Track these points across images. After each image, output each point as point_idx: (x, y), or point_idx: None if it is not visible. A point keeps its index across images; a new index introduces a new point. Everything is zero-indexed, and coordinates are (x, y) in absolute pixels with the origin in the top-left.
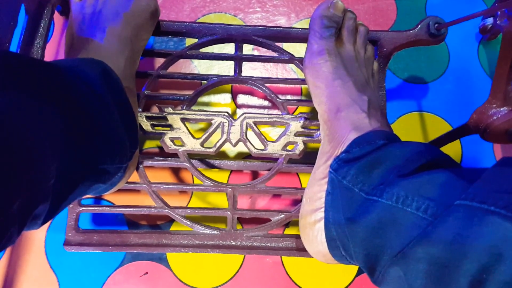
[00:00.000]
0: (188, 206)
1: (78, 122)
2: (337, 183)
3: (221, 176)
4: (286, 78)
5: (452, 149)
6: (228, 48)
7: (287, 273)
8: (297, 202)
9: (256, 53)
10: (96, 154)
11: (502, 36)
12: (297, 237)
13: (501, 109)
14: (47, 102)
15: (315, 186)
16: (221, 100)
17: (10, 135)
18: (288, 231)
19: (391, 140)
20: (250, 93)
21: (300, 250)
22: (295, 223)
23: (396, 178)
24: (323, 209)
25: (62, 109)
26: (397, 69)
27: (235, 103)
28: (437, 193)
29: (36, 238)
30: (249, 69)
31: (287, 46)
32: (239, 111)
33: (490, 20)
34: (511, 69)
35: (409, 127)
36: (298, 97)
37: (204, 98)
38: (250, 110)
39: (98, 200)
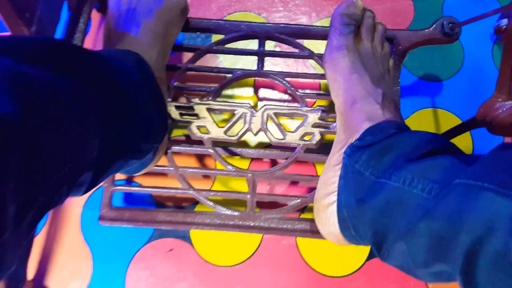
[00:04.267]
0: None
1: (116, 104)
2: (350, 167)
3: (242, 164)
4: (305, 73)
5: (463, 144)
6: (252, 45)
7: (301, 255)
8: (313, 189)
9: (278, 49)
10: (131, 133)
11: (506, 33)
12: (312, 221)
13: (506, 103)
14: (91, 85)
15: (330, 172)
16: (244, 93)
17: (63, 109)
18: (304, 216)
19: (402, 129)
20: (271, 87)
21: (314, 232)
22: (310, 210)
23: (404, 163)
24: (336, 193)
25: (102, 92)
26: (412, 67)
27: (257, 96)
28: (440, 176)
29: (72, 215)
30: (271, 65)
31: (307, 44)
32: (260, 104)
33: (504, 21)
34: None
35: (422, 122)
36: (317, 92)
37: (228, 91)
38: (270, 102)
39: (129, 182)
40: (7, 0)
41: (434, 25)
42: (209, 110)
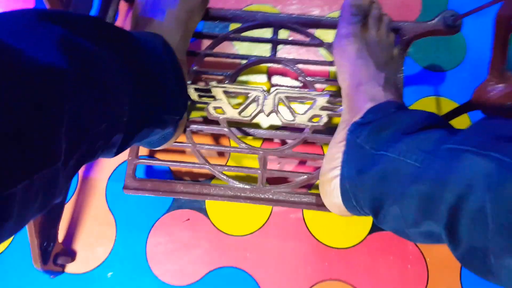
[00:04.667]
0: None
1: (144, 77)
2: (352, 142)
3: (254, 143)
4: (315, 60)
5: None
6: (267, 34)
7: (307, 227)
8: (319, 168)
9: (291, 38)
10: (157, 104)
11: (496, 19)
12: (317, 195)
13: (498, 85)
14: (126, 60)
15: (334, 148)
16: (258, 79)
17: (104, 75)
18: (311, 192)
19: (401, 108)
20: (284, 74)
21: (319, 205)
22: (317, 187)
23: (401, 136)
24: (339, 167)
25: (134, 67)
26: (418, 58)
27: (270, 83)
28: (431, 147)
29: (98, 186)
30: (284, 53)
31: (318, 34)
32: (273, 88)
33: None
34: (505, 49)
35: (425, 109)
36: (326, 78)
37: (243, 77)
38: (282, 87)
39: (151, 157)
40: None
41: (437, 18)
42: (225, 92)
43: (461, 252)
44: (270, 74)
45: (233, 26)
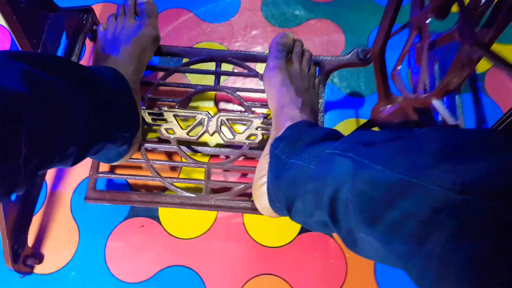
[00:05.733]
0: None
1: (99, 102)
2: (273, 153)
3: (203, 160)
4: (251, 88)
5: None
6: (212, 67)
7: (246, 230)
8: None
9: (235, 70)
10: (109, 124)
11: (372, 55)
12: (252, 201)
13: (386, 107)
14: (81, 88)
15: (263, 159)
16: (206, 105)
17: (59, 99)
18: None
19: (312, 126)
20: (228, 100)
21: (254, 209)
22: None
23: (306, 147)
24: (266, 175)
25: (89, 93)
26: (342, 86)
27: (217, 108)
28: (322, 153)
29: (64, 198)
30: (231, 83)
31: (259, 67)
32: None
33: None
34: (384, 78)
35: (347, 129)
36: (261, 103)
37: (193, 104)
38: (225, 112)
39: (111, 172)
40: (22, 31)
41: (351, 53)
42: (175, 116)
43: (342, 234)
44: (217, 100)
45: (185, 60)
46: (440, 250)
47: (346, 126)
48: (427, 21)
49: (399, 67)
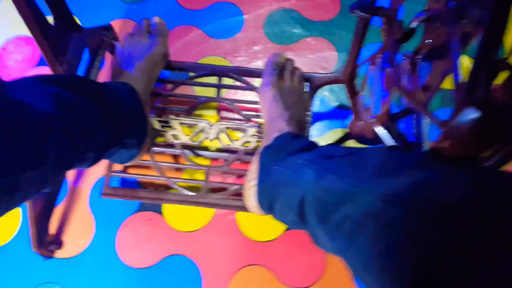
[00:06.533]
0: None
1: (113, 115)
2: (261, 160)
3: (205, 162)
4: (248, 100)
5: None
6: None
7: (238, 226)
8: None
9: (237, 84)
10: (121, 133)
11: (344, 81)
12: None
13: (359, 122)
14: (98, 103)
15: (254, 164)
16: (209, 113)
17: (81, 115)
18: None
19: (295, 137)
20: (229, 110)
21: (246, 208)
22: None
23: (287, 156)
24: (256, 178)
25: (105, 108)
26: (331, 99)
27: (219, 115)
28: (297, 163)
29: (83, 193)
30: (231, 94)
31: (258, 81)
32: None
33: None
34: (355, 103)
35: (334, 138)
36: (257, 113)
37: (199, 111)
38: (225, 120)
39: (124, 172)
40: (50, 50)
41: (337, 71)
42: (181, 123)
43: (309, 231)
44: (220, 109)
45: (191, 73)
46: (366, 245)
47: (334, 135)
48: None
49: (362, 92)
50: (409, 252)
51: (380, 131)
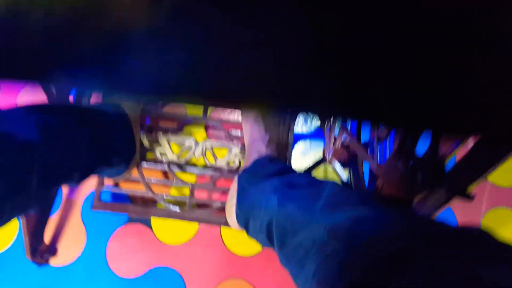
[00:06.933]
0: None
1: (99, 136)
2: (239, 181)
3: (191, 178)
4: (233, 121)
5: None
6: None
7: (223, 240)
8: None
9: None
10: (108, 152)
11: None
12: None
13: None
14: (84, 125)
15: (234, 183)
16: (198, 130)
17: (65, 140)
18: None
19: (272, 161)
20: (216, 129)
21: (227, 223)
22: None
23: (261, 180)
24: (235, 197)
25: (92, 130)
26: (314, 119)
27: (206, 133)
28: (269, 188)
29: (76, 205)
30: (219, 113)
31: None
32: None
33: None
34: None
35: (316, 156)
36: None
37: (188, 128)
38: (212, 139)
39: (114, 186)
40: None
41: None
42: (168, 141)
43: (277, 251)
44: (207, 126)
45: None
46: (310, 273)
47: (316, 154)
48: None
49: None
50: (339, 282)
51: (335, 166)
